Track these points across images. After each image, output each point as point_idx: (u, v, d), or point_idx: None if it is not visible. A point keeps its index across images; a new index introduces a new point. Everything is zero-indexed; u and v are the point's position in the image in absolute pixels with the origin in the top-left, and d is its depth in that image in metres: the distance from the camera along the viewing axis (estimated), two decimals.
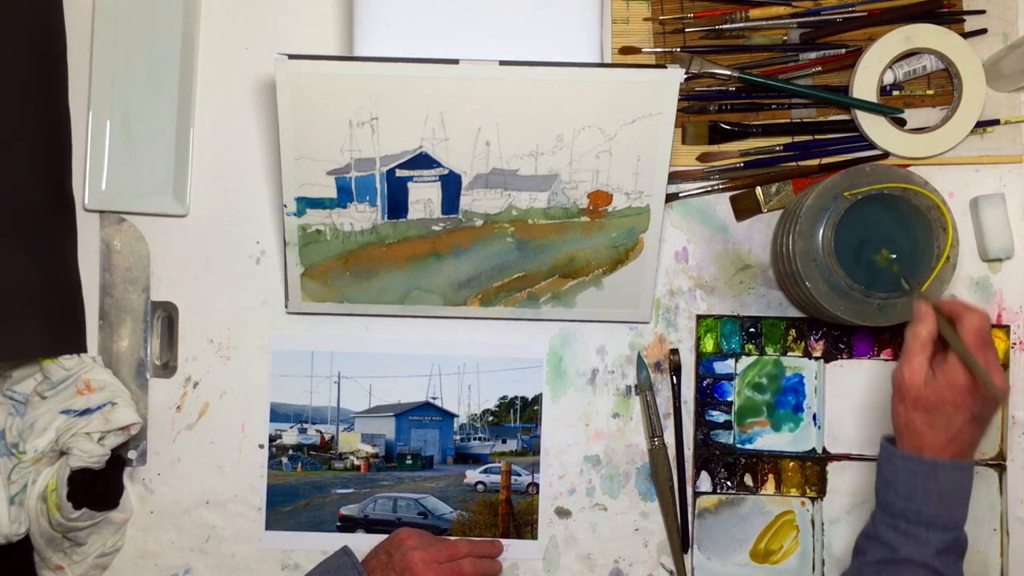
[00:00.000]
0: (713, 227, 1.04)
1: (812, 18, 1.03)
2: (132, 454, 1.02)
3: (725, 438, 1.03)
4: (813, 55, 1.03)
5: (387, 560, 0.94)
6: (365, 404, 1.04)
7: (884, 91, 1.03)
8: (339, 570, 0.94)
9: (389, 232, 0.97)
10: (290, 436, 1.03)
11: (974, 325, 0.81)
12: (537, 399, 1.03)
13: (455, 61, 0.88)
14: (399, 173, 0.94)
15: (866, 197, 0.91)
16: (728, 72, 1.01)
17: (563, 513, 1.03)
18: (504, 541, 1.02)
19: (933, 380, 0.81)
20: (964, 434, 0.81)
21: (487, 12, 0.95)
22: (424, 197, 0.95)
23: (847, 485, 1.02)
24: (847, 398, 1.03)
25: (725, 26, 1.03)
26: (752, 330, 1.03)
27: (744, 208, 1.03)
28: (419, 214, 0.96)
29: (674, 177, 1.02)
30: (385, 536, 0.98)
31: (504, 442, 1.03)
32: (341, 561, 0.94)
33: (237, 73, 1.04)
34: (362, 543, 0.99)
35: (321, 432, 1.03)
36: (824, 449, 1.02)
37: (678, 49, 1.02)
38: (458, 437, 1.04)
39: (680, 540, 1.01)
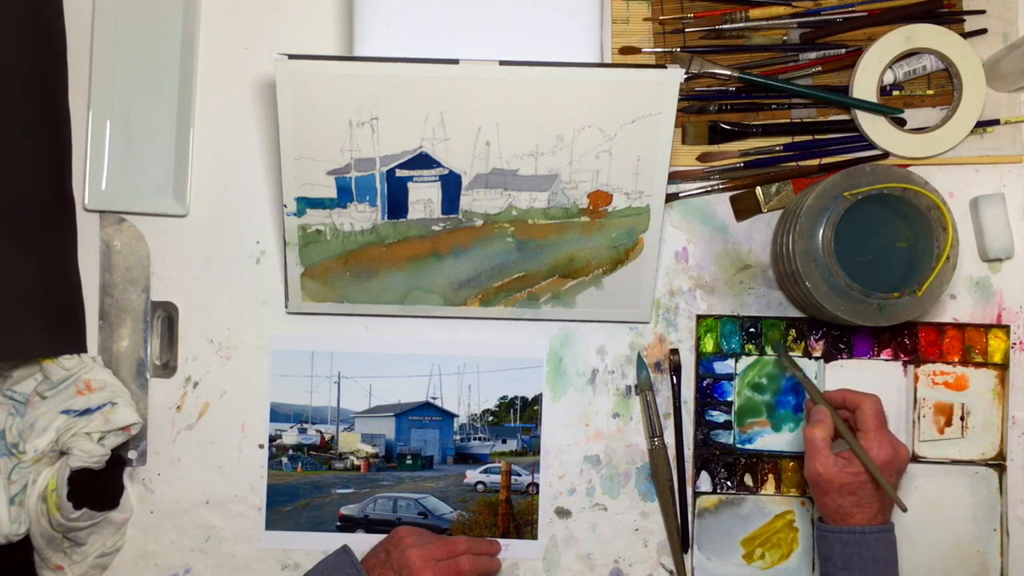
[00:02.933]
0: (713, 227, 1.04)
1: (812, 18, 1.03)
2: (132, 454, 1.02)
3: (725, 438, 1.03)
4: (813, 55, 1.03)
5: (386, 558, 0.94)
6: (365, 404, 1.04)
7: (884, 91, 1.03)
8: (338, 568, 0.94)
9: (389, 232, 0.97)
10: (290, 436, 1.03)
11: (871, 409, 0.90)
12: (537, 399, 1.03)
13: (455, 61, 0.88)
14: (399, 173, 0.94)
15: (866, 197, 0.91)
16: (728, 72, 1.01)
17: (563, 513, 1.03)
18: (504, 541, 1.02)
19: (848, 465, 0.88)
20: (885, 501, 0.89)
21: (487, 12, 0.95)
22: (424, 197, 0.95)
23: None
24: None
25: (725, 26, 1.03)
26: (752, 330, 1.03)
27: (744, 208, 1.03)
28: (419, 214, 0.96)
29: (674, 177, 1.02)
30: (385, 536, 0.98)
31: (504, 442, 1.03)
32: (340, 560, 0.95)
33: (237, 73, 1.04)
34: (362, 543, 0.99)
35: (321, 432, 1.03)
36: None
37: (678, 49, 1.02)
38: (458, 437, 1.04)
39: (680, 540, 1.01)
